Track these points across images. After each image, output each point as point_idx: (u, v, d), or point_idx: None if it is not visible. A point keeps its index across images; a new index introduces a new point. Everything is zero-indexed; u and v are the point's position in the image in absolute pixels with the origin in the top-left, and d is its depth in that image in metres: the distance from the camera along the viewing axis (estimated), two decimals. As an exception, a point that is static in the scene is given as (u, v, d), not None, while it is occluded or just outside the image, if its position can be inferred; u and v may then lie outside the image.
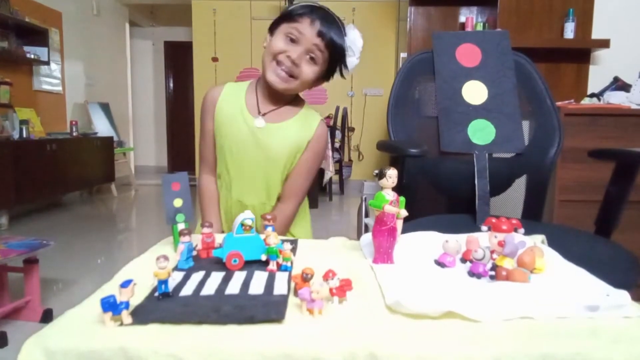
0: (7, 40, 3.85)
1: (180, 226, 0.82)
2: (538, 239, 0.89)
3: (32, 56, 4.07)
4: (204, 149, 1.17)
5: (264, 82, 1.11)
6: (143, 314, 0.55)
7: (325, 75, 1.11)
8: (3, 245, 1.80)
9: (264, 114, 1.11)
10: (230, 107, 1.12)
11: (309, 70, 1.06)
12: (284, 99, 1.13)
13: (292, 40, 1.03)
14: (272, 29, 1.09)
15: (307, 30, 1.02)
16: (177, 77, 7.34)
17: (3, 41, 3.81)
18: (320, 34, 1.02)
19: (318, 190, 4.49)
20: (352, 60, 1.10)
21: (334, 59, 1.07)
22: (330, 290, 0.59)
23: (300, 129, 1.12)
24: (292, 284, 0.64)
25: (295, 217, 1.19)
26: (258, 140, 1.10)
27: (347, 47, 1.07)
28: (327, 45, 1.04)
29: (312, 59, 1.05)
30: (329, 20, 1.04)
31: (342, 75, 1.13)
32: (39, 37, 4.17)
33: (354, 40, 1.08)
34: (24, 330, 1.77)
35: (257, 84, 1.16)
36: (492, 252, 0.70)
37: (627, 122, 1.98)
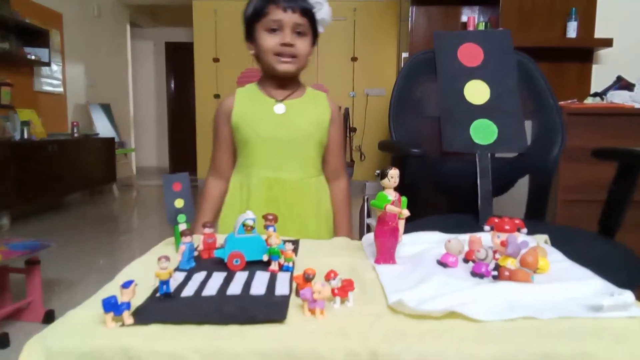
0: (7, 42, 3.86)
1: (182, 227, 0.82)
2: (541, 239, 0.89)
3: (33, 57, 4.08)
4: (217, 155, 1.23)
5: (269, 77, 1.18)
6: (144, 315, 0.55)
7: (313, 40, 1.18)
8: (5, 246, 1.80)
9: (280, 101, 1.18)
10: (248, 104, 1.18)
11: (303, 44, 1.14)
12: (290, 86, 1.20)
13: (275, 30, 1.11)
14: (249, 35, 1.17)
15: (280, 14, 1.10)
16: (178, 78, 7.35)
17: (4, 42, 3.82)
18: (291, 9, 1.10)
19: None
20: (325, 10, 1.16)
21: (312, 21, 1.16)
22: (332, 290, 0.58)
23: (314, 103, 1.21)
24: (294, 285, 0.64)
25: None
26: (283, 121, 1.16)
27: (314, 4, 1.14)
28: (302, 14, 1.11)
29: (299, 33, 1.13)
30: None
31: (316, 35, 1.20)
32: (39, 38, 4.17)
33: None
34: (26, 331, 1.76)
35: (262, 80, 1.22)
36: (494, 252, 0.70)
37: (631, 122, 1.97)
